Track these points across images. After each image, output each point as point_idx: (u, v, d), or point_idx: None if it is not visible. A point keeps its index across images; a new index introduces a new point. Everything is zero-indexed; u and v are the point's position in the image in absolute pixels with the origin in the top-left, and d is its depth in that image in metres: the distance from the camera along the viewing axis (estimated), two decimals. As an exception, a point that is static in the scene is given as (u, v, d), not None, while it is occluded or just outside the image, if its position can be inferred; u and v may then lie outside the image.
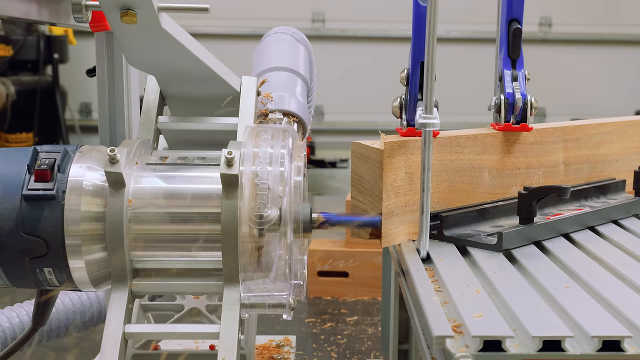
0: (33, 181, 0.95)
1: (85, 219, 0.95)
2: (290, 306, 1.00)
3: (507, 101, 1.32)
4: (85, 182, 0.96)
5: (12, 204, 0.94)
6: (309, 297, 2.58)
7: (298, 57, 1.41)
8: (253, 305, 0.99)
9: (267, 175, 0.96)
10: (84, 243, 0.95)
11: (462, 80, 5.04)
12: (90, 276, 0.98)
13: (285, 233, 0.95)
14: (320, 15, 5.29)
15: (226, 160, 0.93)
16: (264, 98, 1.23)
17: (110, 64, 1.48)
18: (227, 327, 0.96)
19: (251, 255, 0.96)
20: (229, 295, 0.97)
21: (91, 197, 0.96)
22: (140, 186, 0.98)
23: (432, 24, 1.04)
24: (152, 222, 0.97)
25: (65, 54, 4.88)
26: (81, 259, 0.96)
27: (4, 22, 4.53)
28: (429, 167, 1.08)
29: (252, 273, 0.97)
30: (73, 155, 0.99)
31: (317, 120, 5.37)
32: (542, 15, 5.34)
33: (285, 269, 0.97)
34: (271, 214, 0.95)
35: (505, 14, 1.35)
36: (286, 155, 0.98)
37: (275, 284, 0.98)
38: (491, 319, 0.86)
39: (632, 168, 1.49)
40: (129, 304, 0.98)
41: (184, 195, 0.98)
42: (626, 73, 5.43)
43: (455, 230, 1.21)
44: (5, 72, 4.66)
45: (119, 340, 0.95)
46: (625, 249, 1.18)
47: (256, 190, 0.95)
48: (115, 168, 0.94)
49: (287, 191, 0.96)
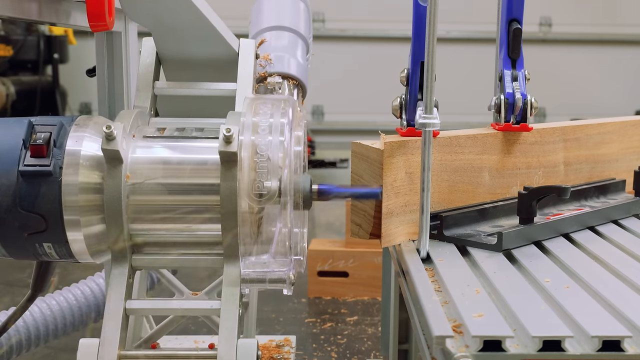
0: (29, 156, 0.94)
1: (84, 191, 0.94)
2: (291, 281, 1.00)
3: (507, 101, 1.32)
4: (82, 155, 0.95)
5: (9, 179, 0.94)
6: (309, 297, 2.58)
7: (299, 15, 1.36)
8: (253, 280, 0.99)
9: (267, 145, 0.95)
10: (82, 215, 0.94)
11: (462, 80, 5.04)
12: (89, 249, 0.97)
13: (285, 205, 0.94)
14: (320, 15, 5.29)
15: (225, 137, 0.92)
16: (263, 60, 1.20)
17: (110, 64, 1.48)
18: (227, 303, 0.96)
19: (251, 229, 0.95)
20: (229, 271, 0.97)
21: (89, 171, 0.95)
22: (138, 160, 0.97)
23: (432, 24, 1.04)
24: (151, 194, 0.96)
25: (65, 54, 4.89)
26: (80, 231, 0.95)
27: (4, 22, 4.53)
28: (429, 167, 1.08)
29: (252, 246, 0.96)
30: (69, 128, 0.97)
31: (317, 120, 5.37)
32: (542, 15, 5.34)
33: (285, 241, 0.96)
34: (271, 185, 0.94)
35: (505, 14, 1.35)
36: (286, 124, 0.97)
37: (275, 259, 0.97)
38: (491, 319, 0.86)
39: (632, 168, 1.49)
40: (129, 279, 0.98)
41: (182, 167, 0.97)
42: (626, 73, 5.43)
43: (455, 230, 1.21)
44: (5, 72, 4.67)
45: (120, 316, 0.95)
46: (625, 249, 1.18)
47: (255, 161, 0.94)
48: (112, 145, 0.93)
49: (288, 162, 0.95)
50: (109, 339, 0.94)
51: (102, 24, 1.15)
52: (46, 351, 2.02)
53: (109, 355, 0.93)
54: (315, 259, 2.58)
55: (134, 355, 0.97)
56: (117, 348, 0.94)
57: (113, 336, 0.94)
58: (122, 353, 0.95)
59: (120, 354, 0.94)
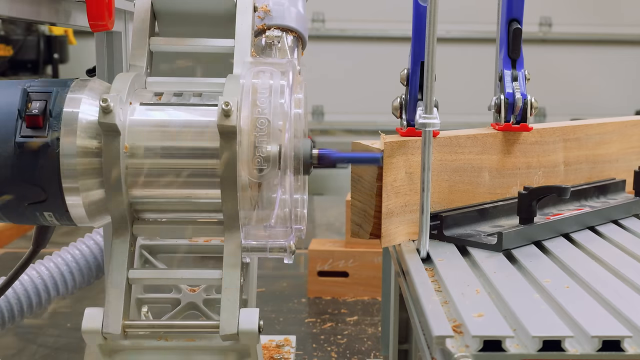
0: (25, 127, 0.94)
1: (82, 155, 0.94)
2: (291, 250, 1.00)
3: (507, 101, 1.32)
4: (80, 120, 0.94)
5: (6, 150, 0.93)
6: (309, 297, 2.58)
7: None
8: (254, 249, 0.99)
9: (267, 106, 0.94)
10: (81, 180, 0.94)
11: (462, 80, 5.04)
12: (88, 215, 0.98)
13: (285, 170, 0.94)
14: (320, 15, 5.29)
15: (223, 111, 0.91)
16: (262, 12, 1.18)
17: (110, 64, 1.48)
18: (229, 272, 0.96)
19: (251, 196, 0.95)
20: (230, 240, 0.97)
21: (86, 135, 0.94)
22: (136, 129, 0.96)
23: (432, 24, 1.04)
24: (149, 158, 0.96)
25: (65, 54, 4.88)
26: (79, 197, 0.95)
27: (4, 22, 4.53)
28: (429, 167, 1.08)
29: (252, 213, 0.96)
30: (65, 94, 0.96)
31: (317, 120, 5.37)
32: (542, 15, 5.34)
33: (285, 208, 0.95)
34: (271, 151, 0.93)
35: (505, 14, 1.35)
36: (286, 87, 0.96)
37: (275, 228, 0.97)
38: (491, 319, 0.86)
39: (632, 168, 1.49)
40: (130, 248, 0.98)
41: (180, 131, 0.97)
42: (626, 73, 5.43)
43: (455, 230, 1.21)
44: (5, 72, 4.66)
45: (124, 286, 0.96)
46: (625, 249, 1.18)
47: (255, 126, 0.93)
48: (109, 118, 0.92)
49: (288, 126, 0.94)
50: (112, 309, 0.95)
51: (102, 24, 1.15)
52: (46, 351, 2.02)
53: (113, 324, 0.94)
54: (315, 259, 2.58)
55: (138, 325, 0.98)
56: (122, 318, 0.94)
57: (117, 306, 0.95)
58: (126, 323, 0.95)
59: (125, 324, 0.95)
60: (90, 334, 0.95)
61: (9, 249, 3.22)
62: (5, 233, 3.25)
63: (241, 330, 0.94)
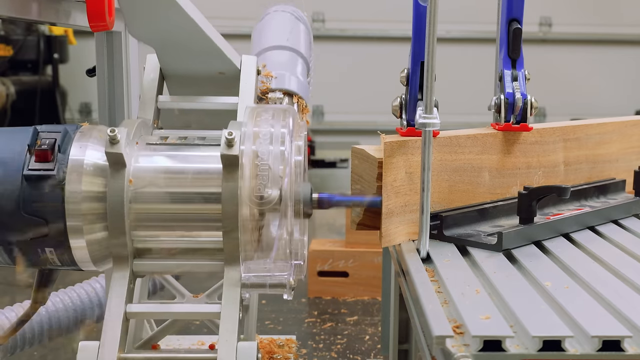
0: (34, 161, 0.95)
1: (87, 199, 0.95)
2: (291, 286, 1.01)
3: (507, 101, 1.32)
4: (86, 162, 0.96)
5: (13, 184, 0.95)
6: (309, 297, 2.58)
7: (299, 35, 1.39)
8: (254, 285, 1.00)
9: (268, 154, 0.96)
10: (85, 223, 0.95)
11: (462, 80, 5.04)
12: (91, 255, 0.98)
13: (285, 213, 0.95)
14: (320, 15, 5.29)
15: (227, 140, 0.94)
16: (265, 77, 1.22)
17: (110, 64, 1.48)
18: (228, 306, 0.96)
19: (252, 235, 0.96)
20: (230, 275, 0.98)
21: (92, 177, 0.96)
22: (141, 166, 0.98)
23: (432, 24, 1.04)
24: (153, 201, 0.97)
25: (65, 54, 4.88)
26: (82, 238, 0.96)
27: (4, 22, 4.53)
28: (429, 167, 1.08)
29: (253, 252, 0.97)
30: (73, 135, 0.99)
31: (317, 120, 5.37)
32: (542, 15, 5.34)
33: (286, 249, 0.97)
34: (272, 194, 0.95)
35: (505, 14, 1.35)
36: (287, 134, 0.98)
37: (275, 264, 0.98)
38: (491, 319, 0.86)
39: (632, 168, 1.49)
40: (130, 284, 0.98)
41: (184, 175, 0.98)
42: (626, 73, 5.43)
43: (455, 230, 1.21)
44: (5, 72, 4.66)
45: (121, 320, 0.96)
46: (625, 249, 1.18)
47: (257, 170, 0.95)
48: (115, 149, 0.94)
49: (288, 171, 0.96)
50: (109, 342, 0.94)
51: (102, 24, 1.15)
52: (45, 351, 2.02)
53: (109, 357, 0.94)
54: (315, 259, 2.58)
55: (133, 358, 0.97)
56: (117, 351, 0.94)
57: (113, 339, 0.94)
58: (122, 356, 0.95)
59: (120, 357, 0.95)
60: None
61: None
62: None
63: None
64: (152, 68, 1.14)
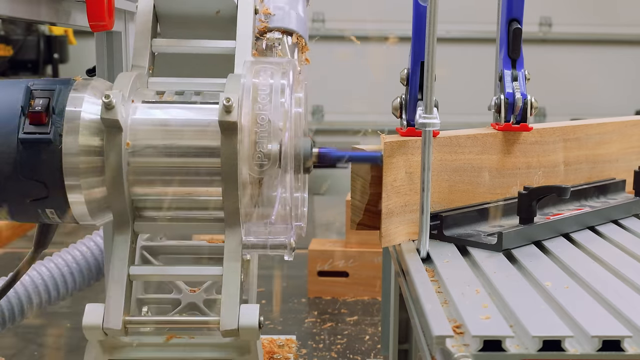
0: (28, 124, 0.94)
1: (84, 154, 0.95)
2: (292, 247, 1.01)
3: (507, 101, 1.32)
4: (82, 119, 0.95)
5: (9, 147, 0.94)
6: (309, 297, 2.58)
7: None
8: (255, 246, 1.00)
9: (268, 106, 0.95)
10: (83, 178, 0.95)
11: (462, 80, 5.04)
12: (89, 211, 0.98)
13: (285, 169, 0.95)
14: (320, 15, 5.29)
15: (224, 107, 0.92)
16: (263, 15, 1.19)
17: (110, 64, 1.48)
18: (229, 269, 0.96)
19: (252, 193, 0.96)
20: (231, 237, 0.98)
21: (89, 134, 0.95)
22: (138, 126, 0.97)
23: (432, 24, 1.04)
24: (151, 157, 0.96)
25: (65, 54, 4.88)
26: (80, 194, 0.96)
27: (4, 22, 4.53)
28: (429, 167, 1.08)
29: (253, 210, 0.97)
30: (68, 92, 0.97)
31: (317, 120, 5.37)
32: (542, 15, 5.34)
33: (286, 206, 0.96)
34: (272, 149, 0.94)
35: (505, 14, 1.35)
36: (287, 86, 0.97)
37: (275, 225, 0.98)
38: (491, 318, 0.86)
39: (632, 168, 1.49)
40: (132, 245, 0.99)
41: (182, 130, 0.98)
42: (626, 73, 5.43)
43: (455, 230, 1.21)
44: (5, 72, 4.66)
45: (124, 282, 0.96)
46: (625, 249, 1.18)
47: (255, 127, 0.94)
48: (111, 114, 0.93)
49: (289, 125, 0.95)
50: (113, 305, 0.95)
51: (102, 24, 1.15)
52: (46, 351, 2.02)
53: (114, 320, 0.94)
54: (315, 259, 2.58)
55: (138, 321, 0.98)
56: (122, 313, 0.94)
57: (118, 301, 0.95)
58: (127, 319, 0.95)
59: (126, 320, 0.95)
60: (91, 329, 0.95)
61: (9, 249, 3.22)
62: (5, 233, 3.25)
63: (241, 326, 0.94)
64: (146, 7, 1.11)
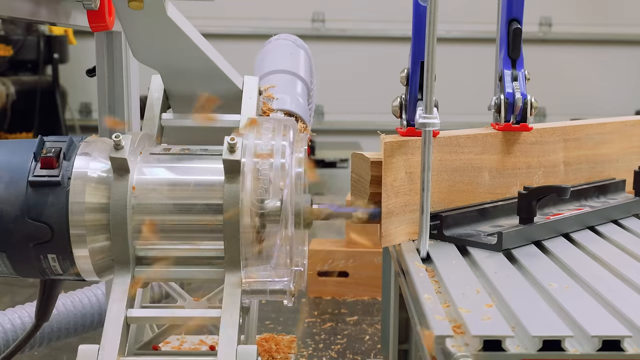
0: (39, 168, 0.97)
1: (90, 210, 0.96)
2: (291, 293, 1.01)
3: (507, 101, 1.32)
4: (90, 170, 0.97)
5: (17, 190, 0.96)
6: (309, 296, 2.58)
7: (299, 61, 1.44)
8: (254, 291, 1.00)
9: (269, 166, 0.97)
10: (88, 232, 0.96)
11: (462, 80, 5.04)
12: (94, 265, 0.99)
13: (285, 224, 0.96)
14: (320, 15, 5.29)
15: (228, 146, 0.95)
16: (267, 98, 1.24)
17: (110, 64, 1.48)
18: (228, 312, 0.97)
19: (252, 245, 0.97)
20: (231, 280, 0.98)
21: (95, 186, 0.97)
22: (144, 175, 0.99)
23: (432, 24, 1.04)
24: (155, 211, 0.98)
25: (65, 54, 4.88)
26: (85, 247, 0.97)
27: (4, 22, 4.53)
28: (429, 167, 1.08)
29: (253, 261, 0.98)
30: (79, 144, 1.00)
31: (317, 120, 5.37)
32: (542, 15, 5.34)
33: (286, 259, 0.98)
34: (272, 204, 0.96)
35: (505, 14, 1.35)
36: (287, 146, 0.99)
37: (276, 270, 0.99)
38: (491, 318, 0.86)
39: (632, 168, 1.49)
40: (131, 290, 0.99)
41: (187, 186, 0.99)
42: (626, 73, 5.43)
43: (455, 230, 1.21)
44: (5, 72, 4.66)
45: (121, 325, 0.96)
46: (625, 249, 1.18)
47: (257, 182, 0.97)
48: (120, 154, 0.95)
49: (289, 182, 0.97)
50: (109, 345, 0.94)
51: (102, 24, 1.16)
52: (46, 351, 2.02)
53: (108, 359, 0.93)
54: (315, 259, 2.58)
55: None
56: (117, 354, 0.94)
57: (113, 343, 0.94)
58: (121, 359, 0.95)
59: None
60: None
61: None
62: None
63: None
64: (156, 88, 1.16)
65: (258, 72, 1.38)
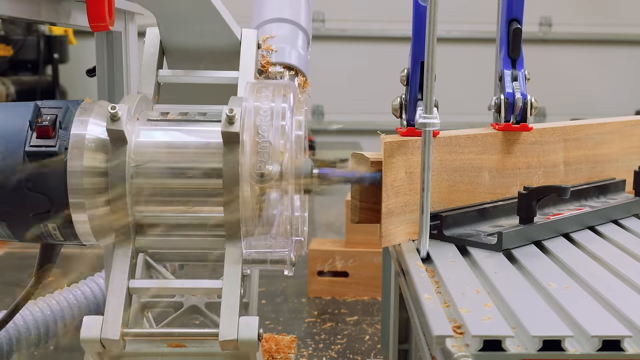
0: (35, 137, 0.96)
1: (88, 174, 0.95)
2: (292, 262, 1.01)
3: (507, 101, 1.32)
4: (87, 138, 0.96)
5: (15, 160, 0.95)
6: (309, 296, 2.58)
7: (299, 8, 1.39)
8: (255, 261, 1.00)
9: (269, 129, 0.96)
10: (87, 198, 0.95)
11: (462, 80, 5.04)
12: (93, 229, 0.98)
13: (286, 189, 0.96)
14: (320, 15, 5.29)
15: (227, 117, 0.94)
16: (265, 50, 1.22)
17: (110, 64, 1.48)
18: (229, 282, 0.97)
19: (252, 211, 0.97)
20: (231, 251, 0.98)
21: (93, 153, 0.96)
22: (142, 142, 0.98)
23: (432, 24, 1.04)
24: (154, 177, 0.97)
25: (65, 54, 4.88)
26: (84, 213, 0.96)
27: (4, 22, 4.53)
28: (429, 167, 1.08)
29: (254, 228, 0.98)
30: (75, 110, 0.99)
31: (317, 120, 5.37)
32: (542, 15, 5.34)
33: (287, 225, 0.97)
34: (272, 170, 0.95)
35: (505, 14, 1.35)
36: (287, 109, 0.98)
37: (276, 240, 0.98)
38: (491, 319, 0.86)
39: (632, 168, 1.49)
40: (132, 260, 0.99)
41: (185, 151, 0.99)
42: (626, 73, 5.43)
43: (455, 230, 1.21)
44: (5, 72, 4.66)
45: (124, 295, 0.96)
46: (625, 249, 1.18)
47: (257, 145, 0.96)
48: (116, 125, 0.94)
49: (289, 146, 0.96)
50: (112, 317, 0.95)
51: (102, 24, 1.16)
52: (46, 351, 2.02)
53: (112, 331, 0.94)
54: (315, 259, 2.58)
55: (137, 333, 0.97)
56: (121, 325, 0.94)
57: (116, 314, 0.95)
58: (125, 330, 0.95)
59: (124, 332, 0.95)
60: (88, 342, 0.94)
61: (9, 249, 3.21)
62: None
63: (240, 339, 0.94)
64: (152, 41, 1.14)
65: (256, 18, 1.34)
